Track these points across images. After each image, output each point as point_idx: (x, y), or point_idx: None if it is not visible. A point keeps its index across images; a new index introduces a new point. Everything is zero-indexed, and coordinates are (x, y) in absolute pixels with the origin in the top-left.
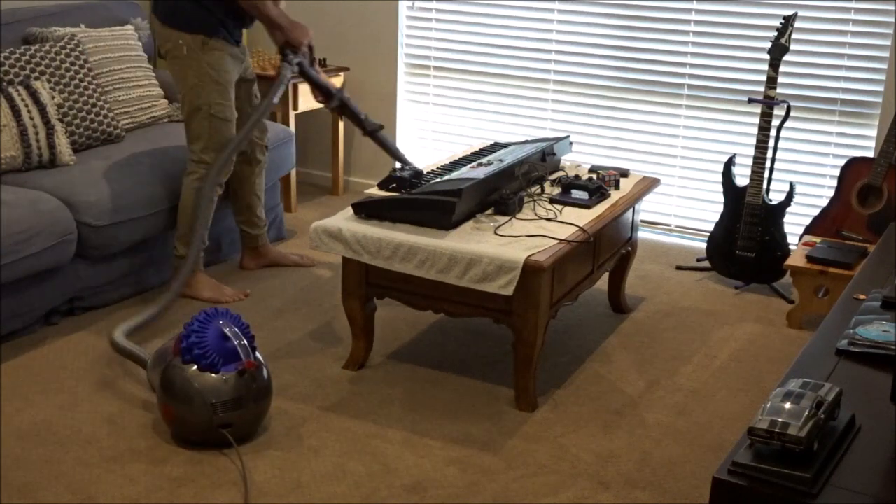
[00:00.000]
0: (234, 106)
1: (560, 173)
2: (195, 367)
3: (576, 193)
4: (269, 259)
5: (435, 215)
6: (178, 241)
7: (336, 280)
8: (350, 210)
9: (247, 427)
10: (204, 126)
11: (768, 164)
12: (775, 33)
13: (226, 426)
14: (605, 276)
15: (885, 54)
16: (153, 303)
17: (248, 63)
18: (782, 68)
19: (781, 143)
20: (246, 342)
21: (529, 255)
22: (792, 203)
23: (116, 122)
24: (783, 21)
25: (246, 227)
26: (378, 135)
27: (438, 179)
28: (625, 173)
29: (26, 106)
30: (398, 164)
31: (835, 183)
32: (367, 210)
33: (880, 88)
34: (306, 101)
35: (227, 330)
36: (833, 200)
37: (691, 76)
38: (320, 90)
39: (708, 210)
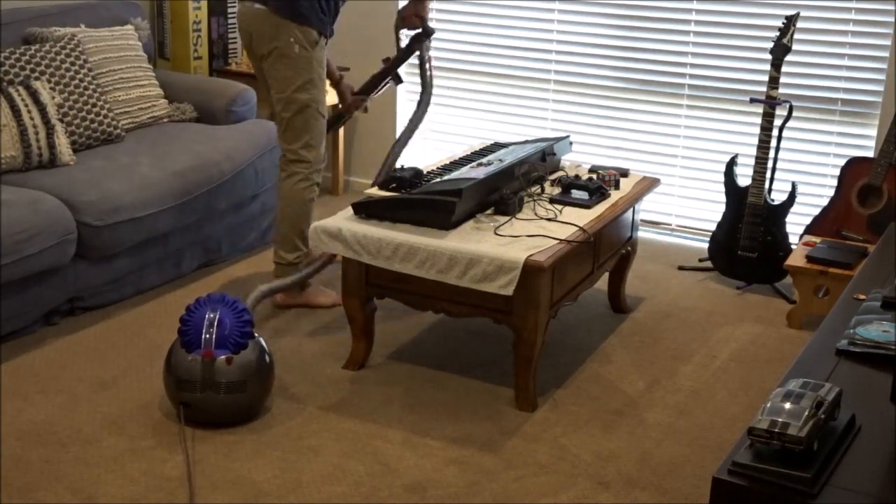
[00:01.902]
0: None
1: (560, 173)
2: (179, 340)
3: (576, 193)
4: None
5: (435, 215)
6: (281, 247)
7: (336, 280)
8: (350, 210)
9: (205, 412)
10: (310, 124)
11: (770, 164)
12: (776, 33)
13: (185, 404)
14: (606, 276)
15: (885, 54)
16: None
17: None
18: (782, 68)
19: (781, 143)
20: (214, 335)
21: (529, 255)
22: (794, 203)
23: (116, 122)
24: (785, 21)
25: None
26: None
27: (438, 179)
28: (625, 173)
29: (26, 106)
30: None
31: (835, 183)
32: (367, 210)
33: (880, 88)
34: None
35: (210, 316)
36: (833, 200)
37: (692, 76)
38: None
39: (708, 210)
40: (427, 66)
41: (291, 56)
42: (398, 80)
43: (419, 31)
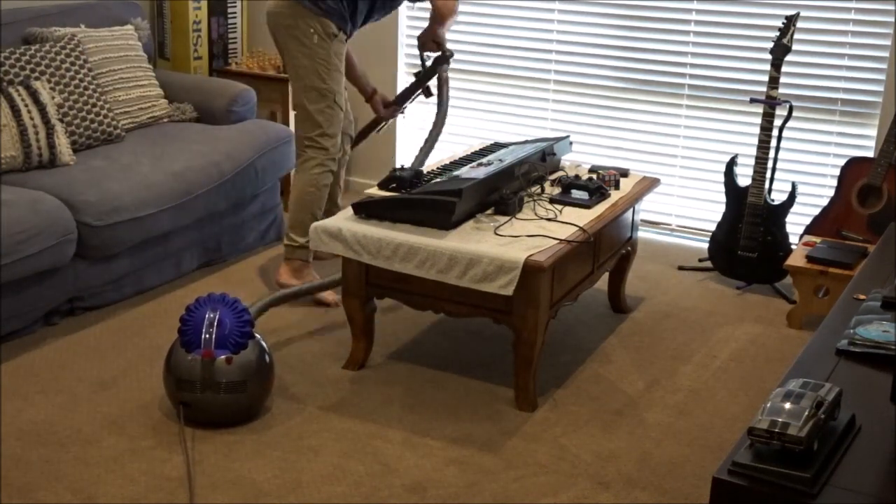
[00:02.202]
0: None
1: (560, 173)
2: (179, 340)
3: (576, 193)
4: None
5: (435, 215)
6: (293, 230)
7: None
8: (350, 210)
9: (205, 412)
10: (326, 113)
11: (770, 164)
12: (776, 33)
13: (185, 404)
14: (606, 276)
15: (885, 54)
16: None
17: None
18: (782, 68)
19: (781, 143)
20: (213, 335)
21: (529, 255)
22: (794, 203)
23: (116, 122)
24: (785, 21)
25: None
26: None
27: (438, 179)
28: (625, 173)
29: (26, 106)
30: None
31: (835, 183)
32: (367, 210)
33: (880, 88)
34: None
35: (210, 316)
36: (833, 200)
37: (692, 76)
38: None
39: (708, 210)
40: (444, 87)
41: (309, 46)
42: (428, 94)
43: (438, 54)
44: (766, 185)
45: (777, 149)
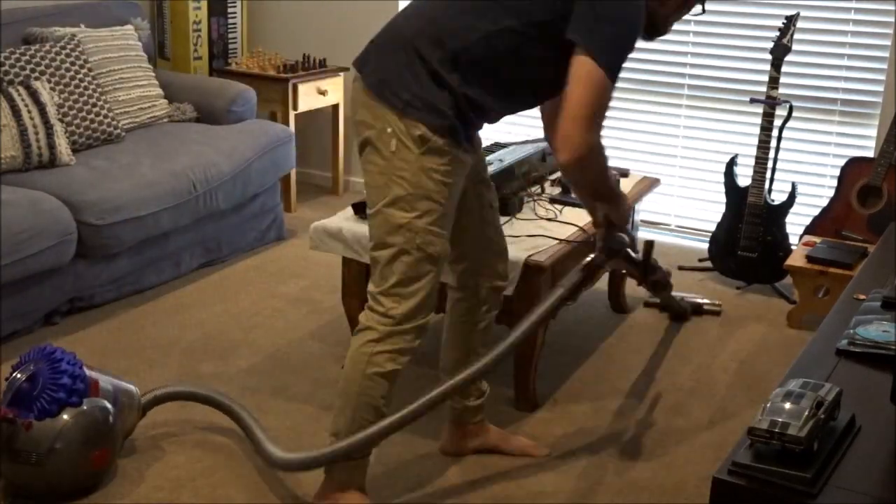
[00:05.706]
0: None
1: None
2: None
3: None
4: (486, 443)
5: None
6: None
7: (336, 280)
8: (350, 210)
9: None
10: (404, 260)
11: (770, 164)
12: (776, 33)
13: None
14: (606, 276)
15: (885, 54)
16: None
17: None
18: (782, 68)
19: (781, 143)
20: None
21: (529, 255)
22: (794, 203)
23: (116, 122)
24: (785, 21)
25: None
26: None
27: None
28: (625, 173)
29: (26, 106)
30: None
31: (835, 183)
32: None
33: (880, 88)
34: (306, 100)
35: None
36: (833, 200)
37: (691, 76)
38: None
39: (708, 210)
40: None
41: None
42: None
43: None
44: (766, 185)
45: (777, 149)
